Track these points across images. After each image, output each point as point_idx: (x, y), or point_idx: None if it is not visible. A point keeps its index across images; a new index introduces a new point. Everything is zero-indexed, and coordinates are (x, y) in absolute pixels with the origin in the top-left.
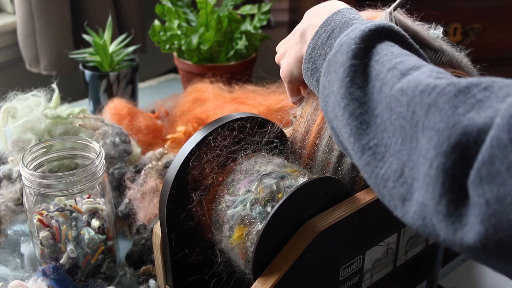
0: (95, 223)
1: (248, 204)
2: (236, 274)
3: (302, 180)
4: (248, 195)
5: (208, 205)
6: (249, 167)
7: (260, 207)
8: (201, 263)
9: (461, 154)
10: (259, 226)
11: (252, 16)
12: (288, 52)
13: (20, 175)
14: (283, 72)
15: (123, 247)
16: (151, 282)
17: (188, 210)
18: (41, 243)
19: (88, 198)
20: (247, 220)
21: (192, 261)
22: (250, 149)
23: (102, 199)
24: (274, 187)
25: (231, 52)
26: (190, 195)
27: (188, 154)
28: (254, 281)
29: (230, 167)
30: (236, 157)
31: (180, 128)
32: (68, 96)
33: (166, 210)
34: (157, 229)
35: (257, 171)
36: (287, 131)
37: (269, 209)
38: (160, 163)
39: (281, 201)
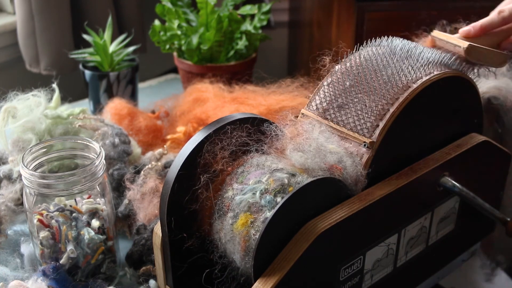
0: (95, 223)
1: (257, 193)
2: (229, 268)
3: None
4: (258, 185)
5: (214, 192)
6: (260, 162)
7: (270, 196)
8: (202, 262)
9: None
10: (267, 214)
11: (252, 16)
12: None
13: (20, 175)
14: None
15: (123, 248)
16: (151, 282)
17: (193, 192)
18: (41, 243)
19: (88, 198)
20: (254, 208)
21: (190, 246)
22: (260, 150)
23: (102, 199)
24: (286, 181)
25: (231, 52)
26: (198, 177)
27: (204, 138)
28: (254, 268)
29: (241, 160)
30: (248, 149)
31: (180, 129)
32: (68, 96)
33: (169, 198)
34: (157, 229)
35: (268, 166)
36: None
37: (278, 199)
38: (159, 163)
39: (293, 191)
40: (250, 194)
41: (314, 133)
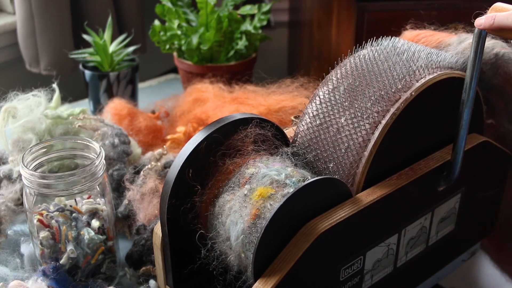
0: (95, 223)
1: (283, 174)
2: (217, 243)
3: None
4: (284, 170)
5: (229, 173)
6: (281, 160)
7: (297, 178)
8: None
9: None
10: (290, 190)
11: (252, 16)
12: None
13: (20, 175)
14: None
15: (123, 248)
16: (151, 282)
17: (220, 156)
18: (41, 243)
19: (88, 198)
20: (277, 184)
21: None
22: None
23: (102, 199)
24: (309, 177)
25: (231, 52)
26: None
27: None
28: (254, 267)
29: (263, 153)
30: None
31: (180, 129)
32: (68, 96)
33: (169, 197)
34: (158, 229)
35: (290, 164)
36: (288, 132)
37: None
38: (159, 163)
39: (318, 177)
40: (276, 172)
41: None
